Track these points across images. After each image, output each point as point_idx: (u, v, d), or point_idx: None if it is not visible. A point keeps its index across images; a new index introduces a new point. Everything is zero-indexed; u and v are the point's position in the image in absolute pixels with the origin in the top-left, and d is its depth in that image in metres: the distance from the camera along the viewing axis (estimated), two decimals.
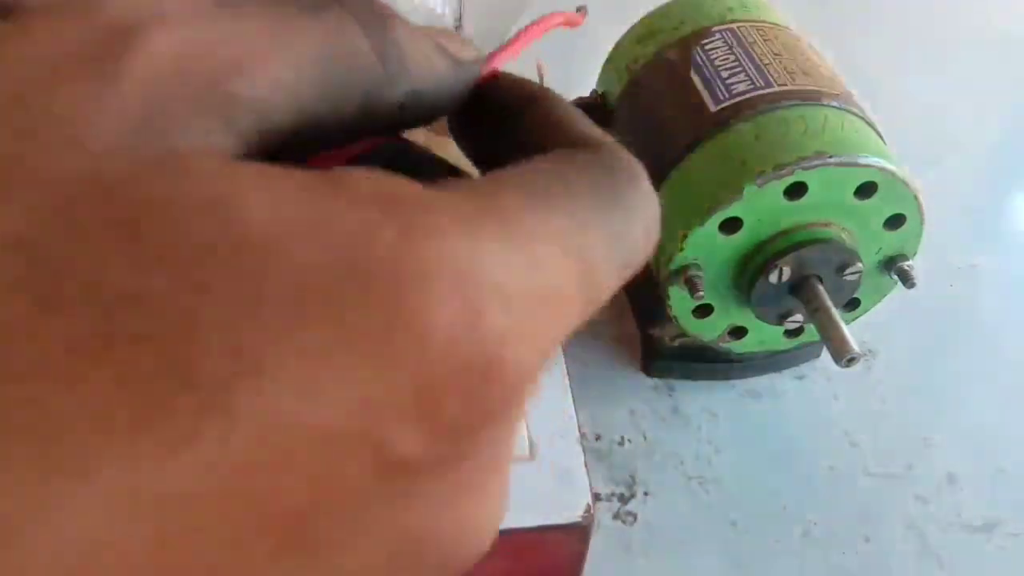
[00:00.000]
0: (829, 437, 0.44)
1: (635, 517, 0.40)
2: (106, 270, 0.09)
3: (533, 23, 0.18)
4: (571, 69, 0.70)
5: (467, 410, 0.10)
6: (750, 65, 0.40)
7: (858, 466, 0.43)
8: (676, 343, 0.45)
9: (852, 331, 0.36)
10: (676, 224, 0.38)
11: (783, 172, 0.35)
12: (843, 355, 0.36)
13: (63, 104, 0.09)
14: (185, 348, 0.09)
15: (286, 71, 0.11)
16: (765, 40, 0.41)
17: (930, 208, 0.38)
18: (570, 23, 0.20)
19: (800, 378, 0.47)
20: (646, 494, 0.41)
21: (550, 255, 0.11)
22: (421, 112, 0.13)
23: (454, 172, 0.15)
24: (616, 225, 0.12)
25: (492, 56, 0.16)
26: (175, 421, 0.09)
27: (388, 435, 0.10)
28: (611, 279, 0.12)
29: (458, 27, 0.45)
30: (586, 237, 0.12)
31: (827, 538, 0.40)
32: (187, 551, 0.09)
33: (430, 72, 0.14)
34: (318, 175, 0.10)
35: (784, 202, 0.36)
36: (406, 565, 0.11)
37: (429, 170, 0.16)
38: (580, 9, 0.23)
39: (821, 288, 0.38)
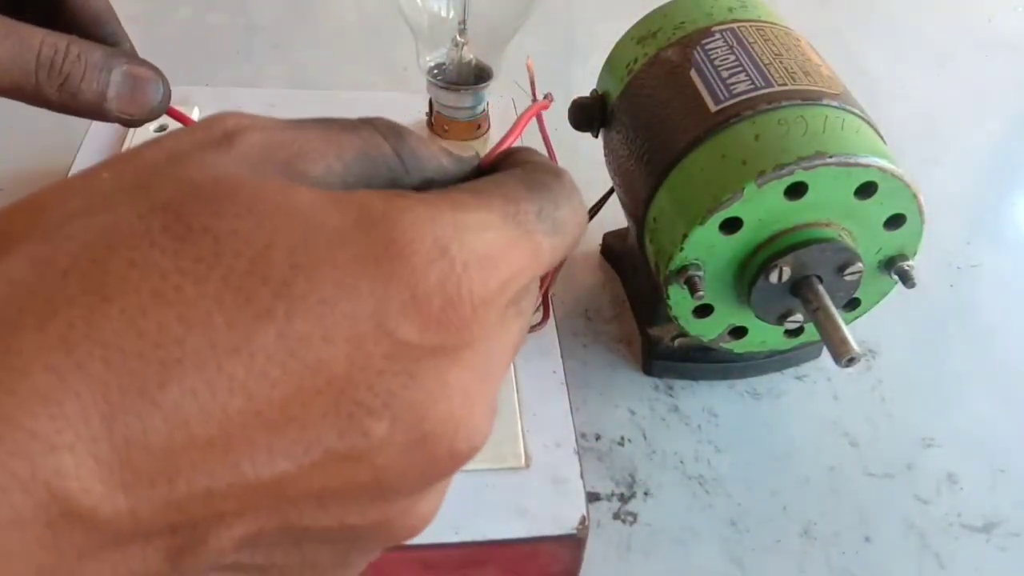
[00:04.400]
0: (829, 437, 0.44)
1: (635, 517, 0.40)
2: (219, 219, 0.15)
3: (515, 125, 0.23)
4: (571, 69, 0.70)
5: (447, 310, 0.16)
6: (750, 65, 0.40)
7: (858, 466, 0.43)
8: (676, 343, 0.45)
9: (852, 331, 0.36)
10: (676, 224, 0.38)
11: (783, 172, 0.35)
12: (843, 355, 0.36)
13: (196, 162, 0.16)
14: (262, 260, 0.15)
15: (335, 162, 0.18)
16: (765, 40, 0.41)
17: (930, 208, 0.38)
18: (542, 109, 0.26)
19: (800, 378, 0.47)
20: (646, 494, 0.41)
21: (489, 218, 0.17)
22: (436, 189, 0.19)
23: None
24: (543, 202, 0.19)
25: (494, 149, 0.22)
26: (258, 302, 0.14)
27: (394, 325, 0.15)
28: (546, 236, 0.18)
29: (462, 30, 0.45)
30: (518, 207, 0.18)
31: (827, 538, 0.40)
32: (272, 400, 0.14)
33: (438, 166, 0.20)
34: (357, 191, 0.16)
35: (784, 202, 0.36)
36: (421, 451, 0.16)
37: None
38: (547, 96, 0.27)
39: (821, 288, 0.38)
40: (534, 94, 0.44)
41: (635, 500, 0.41)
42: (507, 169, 0.21)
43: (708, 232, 0.37)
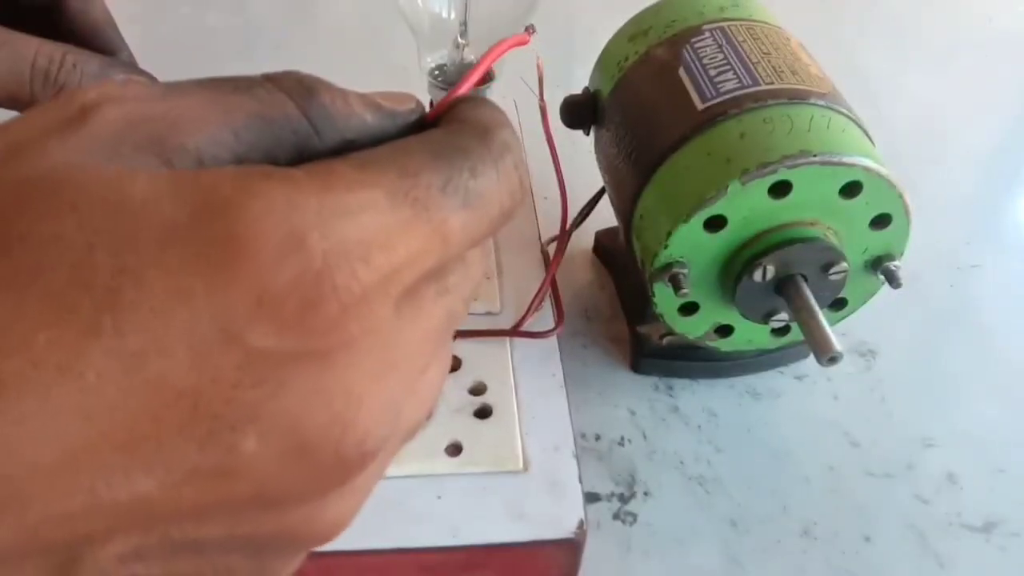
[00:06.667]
0: (829, 437, 0.44)
1: (635, 517, 0.40)
2: (40, 222, 0.13)
3: (486, 54, 0.21)
4: (571, 67, 0.70)
5: (307, 311, 0.14)
6: (738, 64, 0.40)
7: (858, 466, 0.43)
8: (665, 341, 0.45)
9: (853, 330, 0.36)
10: (661, 221, 0.38)
11: (767, 170, 0.35)
12: (824, 354, 0.35)
13: (35, 152, 0.14)
14: (85, 267, 0.13)
15: (221, 131, 0.15)
16: (755, 39, 0.41)
17: (930, 208, 0.38)
18: (519, 44, 0.23)
19: (800, 378, 0.47)
20: (646, 494, 0.41)
21: (371, 197, 0.15)
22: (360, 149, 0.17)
23: None
24: (452, 171, 0.16)
25: (456, 87, 0.20)
26: (82, 316, 0.13)
27: (242, 331, 0.13)
28: (455, 212, 0.16)
29: (463, 31, 0.45)
30: (415, 180, 0.16)
31: (827, 538, 0.40)
32: (116, 420, 0.13)
33: (359, 125, 0.18)
34: (203, 170, 0.15)
35: (769, 201, 0.36)
36: (301, 461, 0.15)
37: None
38: (528, 28, 0.25)
39: (805, 287, 0.38)
40: (542, 94, 0.44)
41: (635, 500, 0.41)
42: (444, 119, 0.18)
43: (692, 230, 0.37)
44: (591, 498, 0.40)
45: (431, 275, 0.16)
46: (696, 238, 0.37)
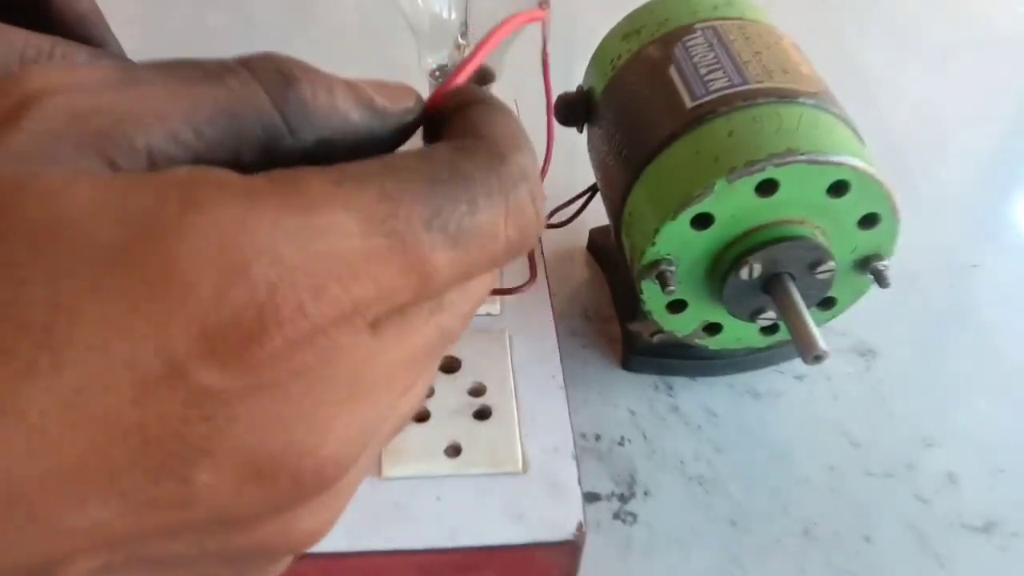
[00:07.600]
0: (829, 437, 0.44)
1: (635, 517, 0.40)
2: None
3: (497, 27, 0.18)
4: (571, 66, 0.70)
5: (249, 346, 0.13)
6: (729, 62, 0.40)
7: (858, 466, 0.43)
8: (655, 339, 0.45)
9: (853, 330, 0.36)
10: (649, 219, 0.38)
11: (754, 169, 0.35)
12: (809, 352, 0.35)
13: None
14: (18, 301, 0.12)
15: (182, 126, 0.14)
16: (746, 38, 0.41)
17: (930, 208, 0.38)
18: (533, 19, 0.21)
19: (800, 378, 0.47)
20: (646, 494, 0.41)
21: (340, 221, 0.13)
22: (339, 153, 0.15)
23: None
24: (446, 202, 0.14)
25: (460, 67, 0.17)
26: (19, 355, 0.12)
27: (185, 367, 0.12)
28: (441, 250, 0.14)
29: (464, 32, 0.45)
30: (397, 207, 0.14)
31: (827, 538, 0.40)
32: (64, 456, 0.12)
33: (341, 124, 0.16)
34: (153, 174, 0.13)
35: (756, 199, 0.36)
36: (259, 486, 0.14)
37: None
38: (543, 4, 0.23)
39: (792, 285, 0.38)
40: (545, 45, 0.44)
41: (635, 500, 0.41)
42: (453, 126, 0.16)
43: (680, 227, 0.37)
44: (591, 498, 0.40)
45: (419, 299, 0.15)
46: (683, 236, 0.37)
